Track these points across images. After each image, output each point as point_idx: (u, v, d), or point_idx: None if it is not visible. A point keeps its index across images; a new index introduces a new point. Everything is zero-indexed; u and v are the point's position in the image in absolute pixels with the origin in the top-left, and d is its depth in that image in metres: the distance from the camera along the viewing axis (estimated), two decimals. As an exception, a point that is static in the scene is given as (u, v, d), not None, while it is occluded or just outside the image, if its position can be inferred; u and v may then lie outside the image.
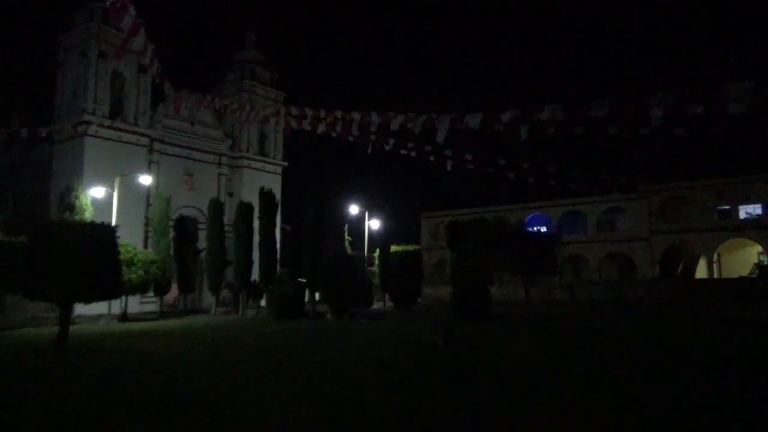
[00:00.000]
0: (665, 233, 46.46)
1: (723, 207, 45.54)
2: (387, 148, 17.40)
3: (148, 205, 36.48)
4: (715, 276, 43.86)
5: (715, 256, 44.88)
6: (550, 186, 21.28)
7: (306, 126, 17.01)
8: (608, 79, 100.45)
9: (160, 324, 24.74)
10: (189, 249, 32.46)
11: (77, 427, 6.88)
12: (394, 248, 34.17)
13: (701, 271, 47.23)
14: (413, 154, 17.89)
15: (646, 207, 47.34)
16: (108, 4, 12.24)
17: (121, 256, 20.37)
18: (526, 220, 50.86)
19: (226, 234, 34.54)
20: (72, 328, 17.45)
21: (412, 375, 10.09)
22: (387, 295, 35.36)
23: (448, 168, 17.35)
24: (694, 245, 46.25)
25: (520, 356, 12.17)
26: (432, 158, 17.73)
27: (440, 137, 12.50)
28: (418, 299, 34.96)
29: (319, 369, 10.78)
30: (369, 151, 17.32)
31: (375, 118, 14.27)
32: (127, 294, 26.14)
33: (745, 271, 41.75)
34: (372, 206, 39.81)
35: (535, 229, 49.52)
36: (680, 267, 48.77)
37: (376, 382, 9.37)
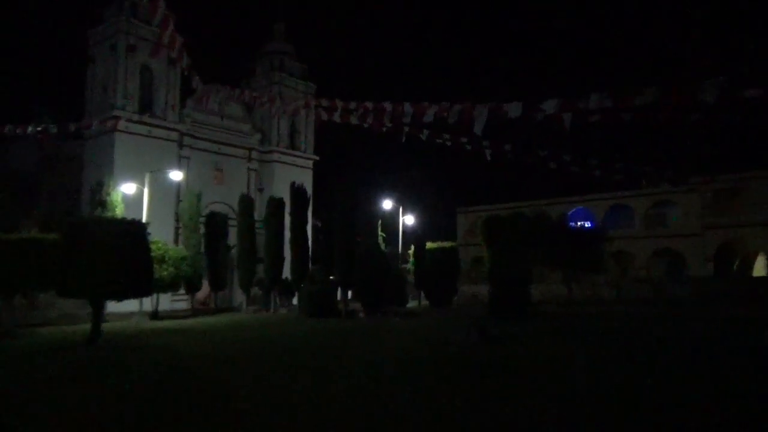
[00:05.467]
0: (719, 228, 45.17)
1: (782, 199, 43.96)
2: (422, 137, 17.35)
3: (179, 201, 37.14)
4: (776, 274, 42.47)
5: (775, 252, 43.46)
6: (594, 178, 20.91)
7: (337, 118, 17.11)
8: (656, 63, 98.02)
9: (192, 322, 25.27)
10: (220, 246, 32.96)
11: (107, 422, 7.10)
12: (429, 245, 34.10)
13: (760, 269, 45.78)
14: (449, 143, 17.80)
15: (698, 200, 46.10)
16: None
17: (152, 253, 20.91)
18: (569, 215, 50.07)
19: (257, 230, 34.98)
20: (103, 325, 18.00)
21: (448, 377, 10.09)
22: (422, 294, 35.33)
23: (488, 158, 17.20)
24: (751, 240, 44.83)
25: (562, 358, 12.04)
26: (469, 147, 17.59)
27: (478, 128, 12.41)
28: (455, 298, 34.84)
29: (351, 370, 10.86)
30: (403, 140, 17.29)
31: (408, 108, 14.25)
32: (158, 292, 26.73)
33: (808, 269, 40.33)
34: (406, 201, 39.81)
35: (579, 224, 48.78)
36: (736, 264, 47.36)
37: (409, 383, 9.40)
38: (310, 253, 34.00)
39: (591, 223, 50.37)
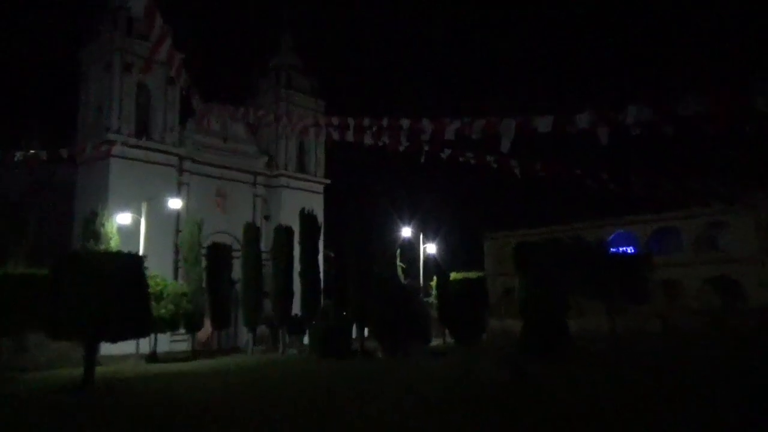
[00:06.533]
0: (780, 251, 44.36)
1: None
2: (443, 156, 17.32)
3: (178, 231, 37.29)
4: None
5: None
6: (636, 198, 20.71)
7: (349, 137, 17.17)
8: (701, 69, 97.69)
9: (192, 365, 25.23)
10: (223, 280, 32.93)
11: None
12: (453, 275, 33.90)
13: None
14: (473, 162, 17.75)
15: (754, 221, 45.44)
16: (132, 12, 12.74)
17: (150, 290, 21.00)
18: (609, 239, 49.68)
19: (264, 262, 34.98)
20: (97, 369, 18.02)
21: (479, 422, 9.91)
22: (447, 330, 35.00)
23: (518, 176, 17.11)
24: (819, 266, 43.93)
25: (604, 403, 11.77)
26: (495, 166, 17.52)
27: (505, 145, 12.35)
28: (483, 334, 34.50)
29: (367, 420, 10.70)
30: (422, 160, 17.27)
31: (427, 125, 14.25)
32: (156, 332, 26.77)
33: None
34: (427, 227, 39.71)
35: (620, 250, 48.34)
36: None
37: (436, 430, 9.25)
38: (321, 286, 33.90)
39: (634, 249, 49.85)
